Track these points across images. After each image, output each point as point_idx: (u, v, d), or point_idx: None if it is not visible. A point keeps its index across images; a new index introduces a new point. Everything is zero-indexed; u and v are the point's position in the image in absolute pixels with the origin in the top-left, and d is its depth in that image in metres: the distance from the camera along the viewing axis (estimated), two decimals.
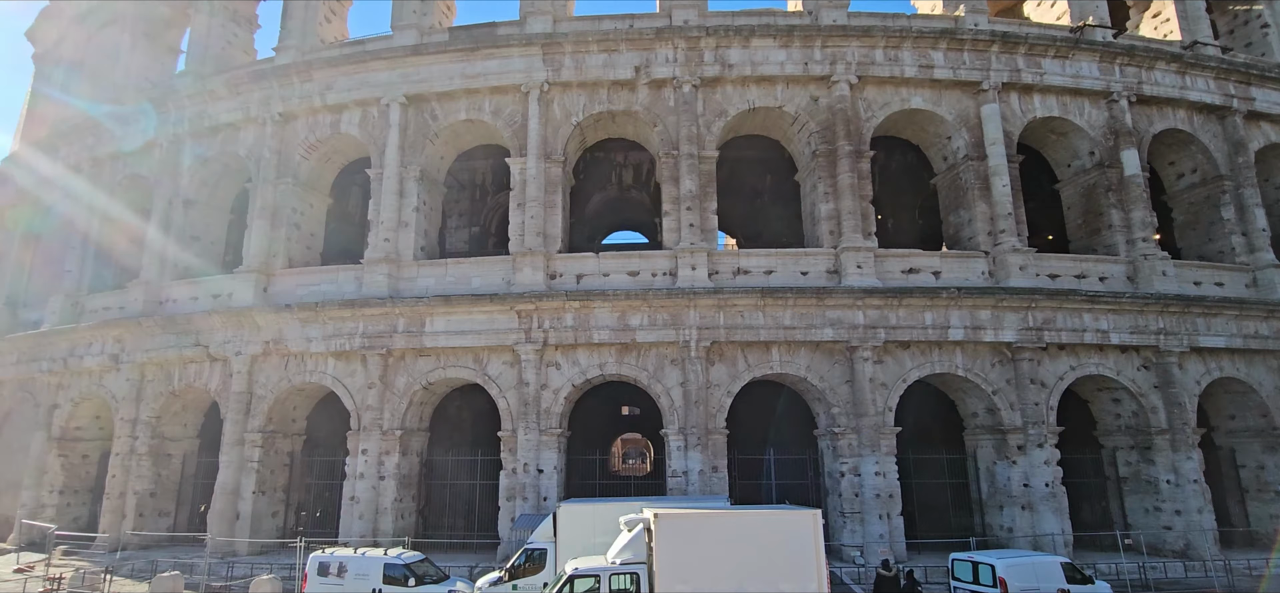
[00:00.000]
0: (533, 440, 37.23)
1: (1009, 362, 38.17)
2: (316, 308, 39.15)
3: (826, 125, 40.44)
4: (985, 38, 41.27)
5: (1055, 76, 41.81)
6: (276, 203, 42.28)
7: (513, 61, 41.64)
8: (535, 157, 40.10)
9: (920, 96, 41.07)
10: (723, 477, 36.69)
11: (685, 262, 38.16)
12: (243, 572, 36.26)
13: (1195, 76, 43.62)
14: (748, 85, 40.76)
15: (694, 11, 42.78)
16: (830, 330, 37.42)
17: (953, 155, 41.91)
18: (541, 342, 37.55)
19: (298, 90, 43.36)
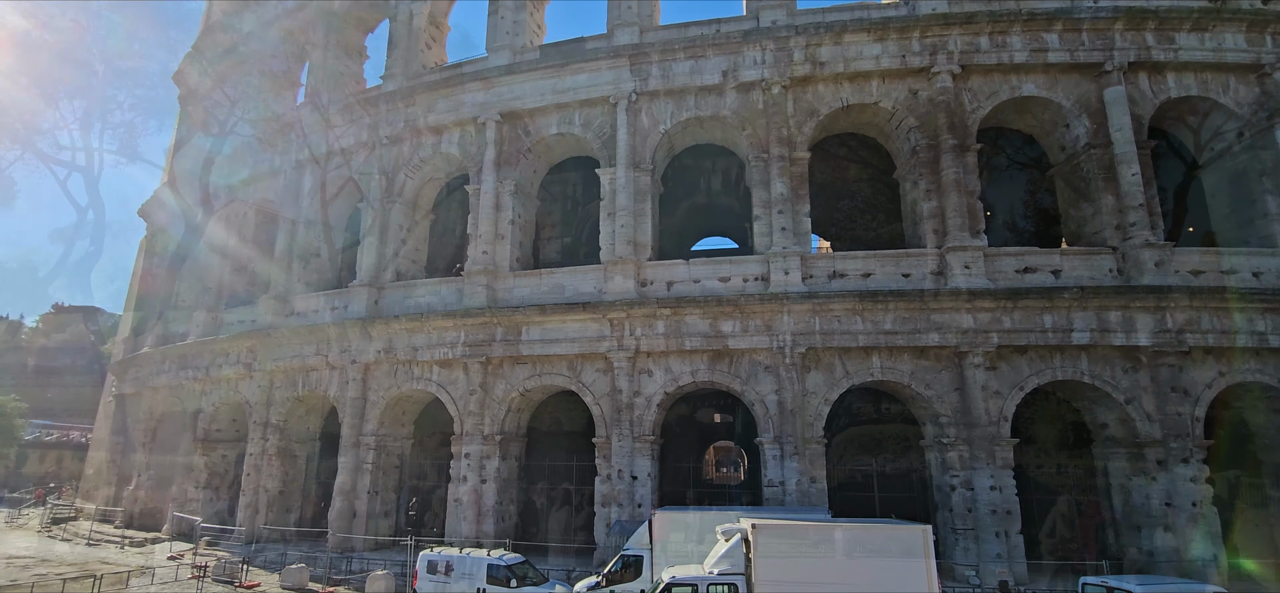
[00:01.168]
0: (626, 448, 34.65)
1: (1144, 367, 32.26)
2: (422, 318, 38.00)
3: (927, 119, 35.79)
4: (1107, 15, 35.42)
5: (1193, 51, 35.44)
6: (385, 221, 41.52)
7: (601, 74, 39.93)
8: (624, 166, 38.20)
9: (1032, 83, 35.64)
10: (821, 487, 32.78)
11: (778, 266, 34.72)
12: (359, 567, 35.92)
13: None
14: (840, 83, 36.85)
15: (782, 11, 38.09)
16: (936, 335, 32.95)
17: (1071, 144, 36.09)
18: (633, 349, 34.97)
19: (402, 114, 42.47)
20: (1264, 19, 35.25)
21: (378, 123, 43.22)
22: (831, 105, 36.79)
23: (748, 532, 24.32)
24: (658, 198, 38.72)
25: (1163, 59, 35.08)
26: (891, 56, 36.38)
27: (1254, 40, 35.37)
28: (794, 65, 36.94)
